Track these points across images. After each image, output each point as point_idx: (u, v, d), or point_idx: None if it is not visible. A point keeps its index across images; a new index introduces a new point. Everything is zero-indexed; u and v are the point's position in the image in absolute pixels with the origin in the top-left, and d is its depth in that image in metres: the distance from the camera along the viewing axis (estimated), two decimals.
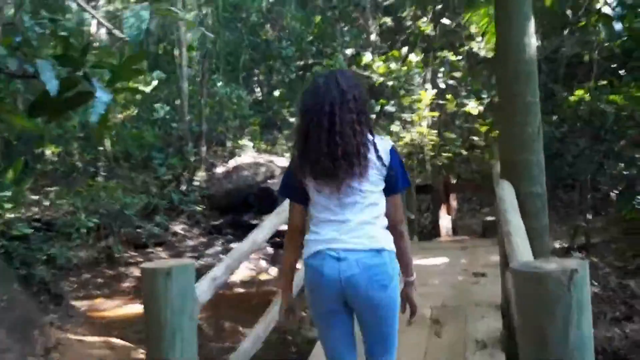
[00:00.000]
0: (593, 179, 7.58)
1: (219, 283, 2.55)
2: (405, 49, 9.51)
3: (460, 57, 9.15)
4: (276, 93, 15.91)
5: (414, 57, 8.72)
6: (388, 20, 14.34)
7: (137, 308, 7.41)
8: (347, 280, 2.12)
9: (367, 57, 9.17)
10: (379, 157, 2.19)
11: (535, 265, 1.59)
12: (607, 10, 6.05)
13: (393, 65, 8.58)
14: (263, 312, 3.61)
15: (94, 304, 8.01)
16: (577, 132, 7.32)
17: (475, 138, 8.59)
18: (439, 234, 8.52)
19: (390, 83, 8.90)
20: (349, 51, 11.80)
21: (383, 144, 2.26)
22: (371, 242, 2.16)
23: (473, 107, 8.54)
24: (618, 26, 6.12)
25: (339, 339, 2.30)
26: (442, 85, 9.05)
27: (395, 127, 8.69)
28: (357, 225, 2.16)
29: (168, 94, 13.98)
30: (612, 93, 6.68)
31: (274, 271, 9.04)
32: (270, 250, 9.74)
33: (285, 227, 2.45)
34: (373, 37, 13.64)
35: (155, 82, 11.63)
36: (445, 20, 8.86)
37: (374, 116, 11.46)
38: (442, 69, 9.17)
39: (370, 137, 2.22)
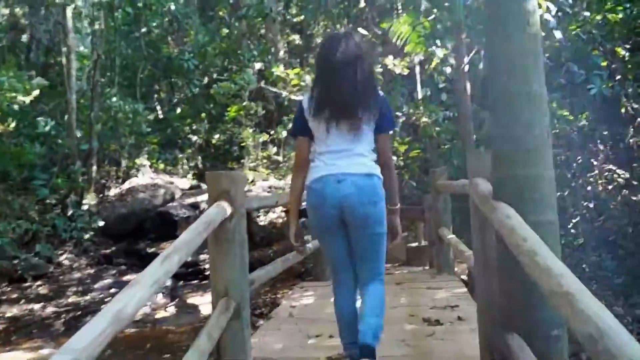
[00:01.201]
0: None
1: None
2: None
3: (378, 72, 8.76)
4: (178, 110, 14.89)
5: None
6: (297, 37, 13.94)
7: (9, 357, 6.29)
8: (344, 197, 2.58)
9: (279, 68, 8.50)
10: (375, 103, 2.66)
11: None
12: (547, 17, 5.76)
13: (308, 78, 7.98)
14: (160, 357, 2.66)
15: None
16: None
17: (394, 158, 8.17)
18: None
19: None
20: (257, 65, 11.13)
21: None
22: (364, 169, 2.62)
23: None
24: (558, 34, 5.88)
25: (340, 248, 2.73)
26: None
27: None
28: (354, 155, 2.63)
29: (54, 107, 12.54)
30: None
31: (172, 309, 7.95)
32: (168, 282, 8.64)
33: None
34: (282, 53, 13.11)
35: (36, 92, 10.24)
36: (362, 31, 8.46)
37: (285, 133, 10.86)
38: None
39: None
